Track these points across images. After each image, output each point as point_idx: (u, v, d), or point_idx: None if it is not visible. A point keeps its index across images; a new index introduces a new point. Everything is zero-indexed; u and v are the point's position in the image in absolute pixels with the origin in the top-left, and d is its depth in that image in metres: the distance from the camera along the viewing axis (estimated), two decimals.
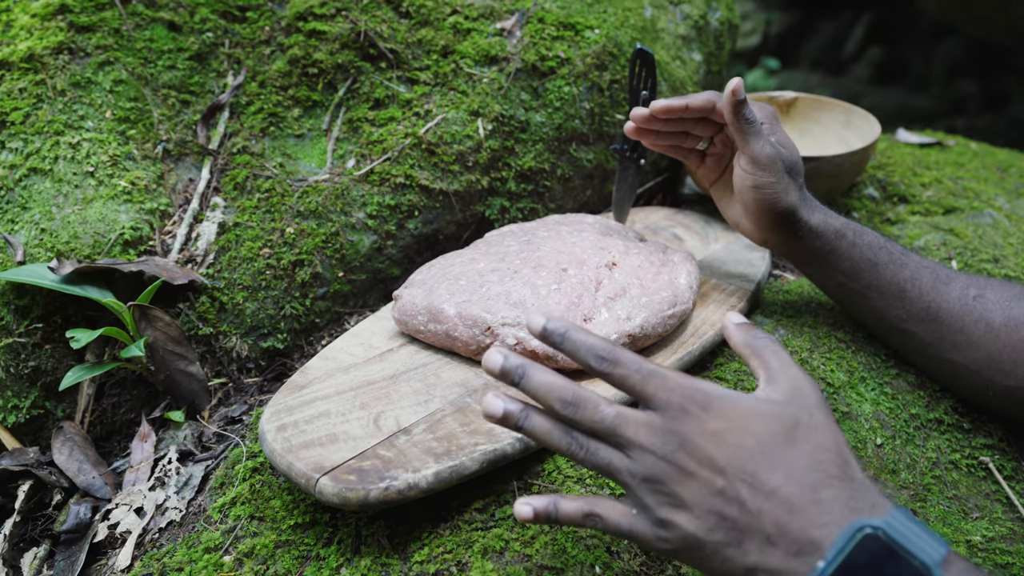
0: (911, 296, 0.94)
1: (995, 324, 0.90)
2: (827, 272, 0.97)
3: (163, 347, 0.97)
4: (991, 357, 0.91)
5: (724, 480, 0.57)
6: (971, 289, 0.93)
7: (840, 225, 0.94)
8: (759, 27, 5.13)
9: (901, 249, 0.96)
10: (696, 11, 1.43)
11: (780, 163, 0.91)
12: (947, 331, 0.93)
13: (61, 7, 1.14)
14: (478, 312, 0.90)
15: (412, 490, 0.74)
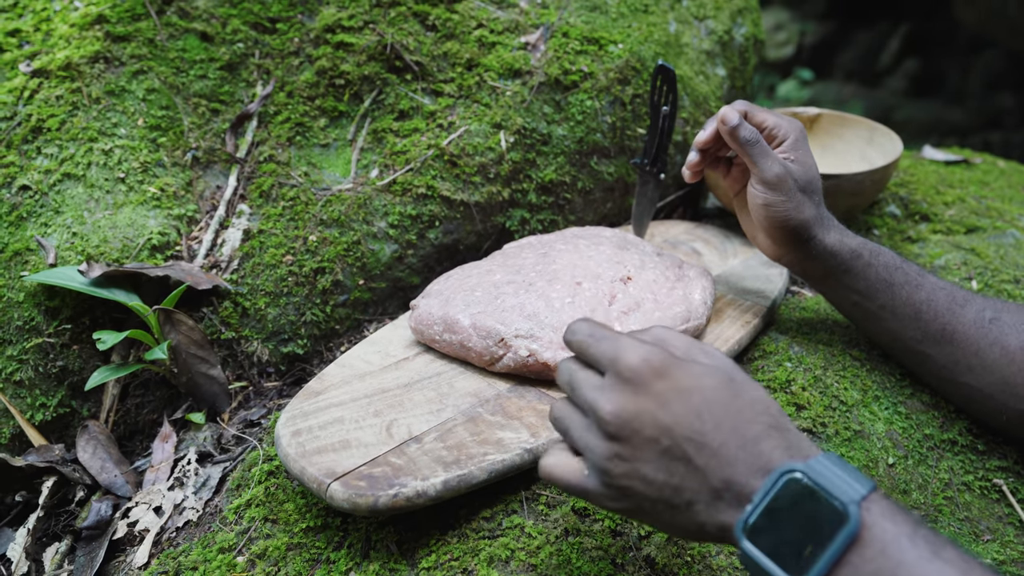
0: (926, 317, 0.94)
1: (1010, 348, 0.90)
2: (842, 291, 0.97)
3: (186, 350, 1.00)
4: (1005, 381, 0.90)
5: (670, 439, 0.59)
6: (987, 312, 0.92)
7: (856, 245, 0.94)
8: (793, 38, 5.10)
9: (918, 269, 0.96)
10: (721, 26, 1.44)
11: (791, 181, 0.92)
12: (962, 354, 0.93)
13: (99, 17, 1.17)
14: (492, 323, 0.91)
15: (420, 498, 0.76)
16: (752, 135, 0.90)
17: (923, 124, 4.64)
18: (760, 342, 1.05)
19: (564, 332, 0.70)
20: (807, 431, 0.94)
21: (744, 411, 0.60)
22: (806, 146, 0.96)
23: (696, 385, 0.61)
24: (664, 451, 0.59)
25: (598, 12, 1.31)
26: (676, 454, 0.59)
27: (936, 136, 4.50)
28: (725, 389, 0.61)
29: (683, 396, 0.60)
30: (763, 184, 0.92)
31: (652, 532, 0.80)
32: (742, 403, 0.60)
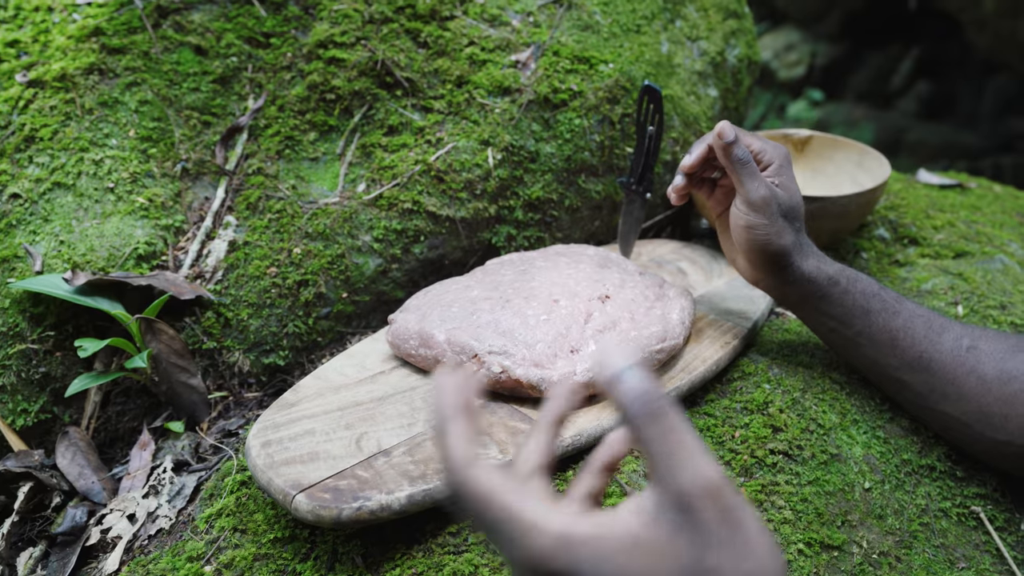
0: (903, 345, 0.94)
1: (987, 377, 0.90)
2: (819, 317, 0.97)
3: (167, 359, 1.01)
4: (982, 410, 0.90)
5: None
6: (965, 340, 0.92)
7: (834, 272, 0.95)
8: (805, 58, 5.10)
9: (895, 296, 0.96)
10: (713, 47, 1.45)
11: (775, 205, 0.92)
12: (938, 382, 0.92)
13: (96, 30, 1.19)
14: (466, 339, 0.92)
15: (385, 511, 0.76)
16: (745, 154, 0.91)
17: (934, 147, 4.62)
18: (740, 363, 1.05)
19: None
20: (783, 453, 0.94)
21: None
22: (790, 172, 0.96)
23: None
24: None
25: (590, 32, 1.32)
26: None
27: (947, 159, 4.49)
28: None
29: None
30: (748, 205, 0.92)
31: None
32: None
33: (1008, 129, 4.64)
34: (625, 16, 1.36)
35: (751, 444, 0.93)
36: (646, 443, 0.45)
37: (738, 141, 0.91)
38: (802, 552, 0.85)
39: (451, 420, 0.50)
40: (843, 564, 0.86)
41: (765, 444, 0.94)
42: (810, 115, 4.83)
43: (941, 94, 4.91)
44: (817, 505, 0.90)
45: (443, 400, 0.51)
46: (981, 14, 3.63)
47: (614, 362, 0.46)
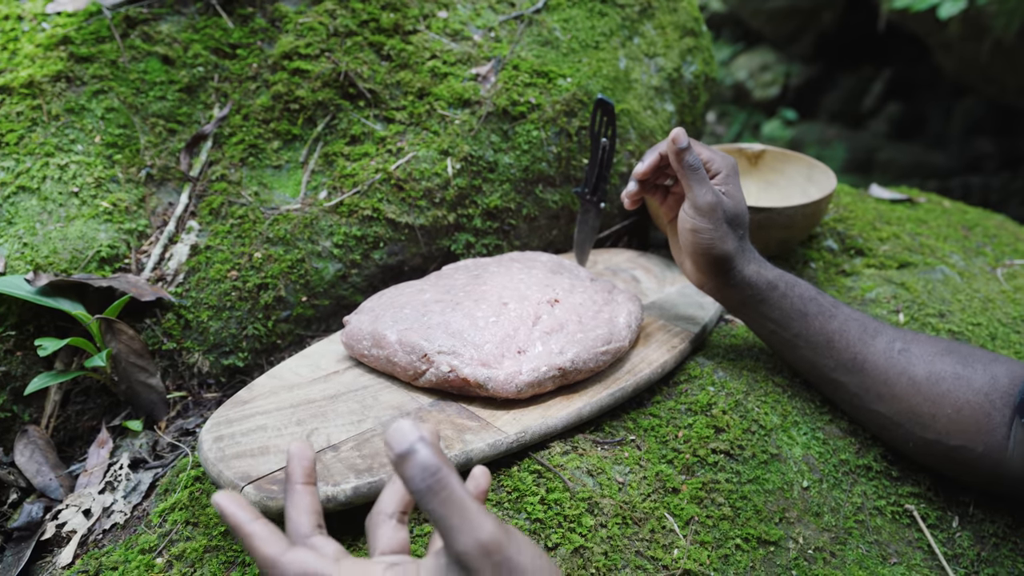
0: (838, 347, 0.98)
1: (917, 378, 0.94)
2: (759, 320, 1.02)
3: (126, 359, 1.03)
4: (912, 410, 0.94)
5: None
6: (897, 343, 0.96)
7: (773, 277, 0.99)
8: (779, 78, 5.19)
9: (832, 301, 1.00)
10: (670, 64, 1.49)
11: (721, 211, 0.96)
12: (872, 382, 0.97)
13: (64, 39, 1.22)
14: (417, 340, 0.95)
15: (331, 503, 0.79)
16: (696, 161, 0.96)
17: (905, 166, 4.71)
18: (687, 366, 1.09)
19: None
20: (724, 453, 0.97)
21: None
22: (737, 181, 1.01)
23: None
24: None
25: (550, 47, 1.36)
26: None
27: (917, 178, 4.57)
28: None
29: None
30: (695, 209, 0.96)
31: (559, 544, 0.83)
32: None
33: (975, 150, 4.73)
34: (584, 33, 1.40)
35: (694, 444, 0.97)
36: (430, 513, 0.52)
37: (690, 148, 0.95)
38: (739, 547, 0.88)
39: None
40: (779, 559, 0.89)
41: (707, 444, 0.97)
42: (784, 134, 4.91)
43: (911, 115, 5.00)
44: (756, 503, 0.93)
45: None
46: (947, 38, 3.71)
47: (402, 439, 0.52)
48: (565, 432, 0.94)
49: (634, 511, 0.88)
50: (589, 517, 0.85)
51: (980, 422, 0.91)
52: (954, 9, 2.97)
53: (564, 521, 0.85)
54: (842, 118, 5.08)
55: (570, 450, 0.93)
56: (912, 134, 4.93)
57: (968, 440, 0.91)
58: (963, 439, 0.92)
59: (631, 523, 0.87)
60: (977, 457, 0.92)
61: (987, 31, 3.36)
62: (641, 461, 0.94)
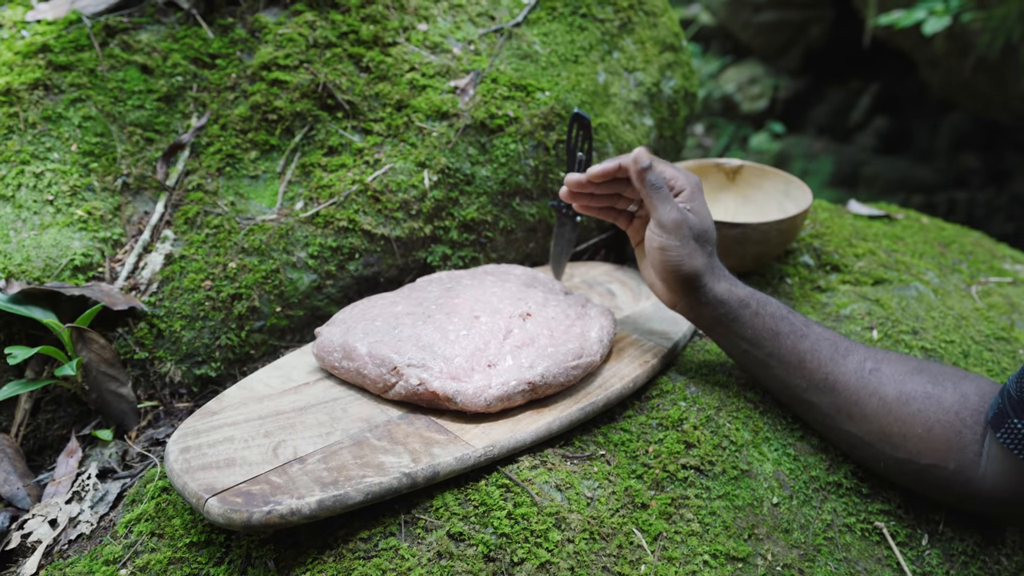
0: (810, 367, 0.98)
1: (888, 398, 0.94)
2: (731, 339, 1.02)
3: (97, 368, 1.03)
4: (883, 430, 0.94)
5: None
6: (868, 363, 0.97)
7: (745, 295, 0.99)
8: (767, 92, 5.22)
9: (803, 320, 1.00)
10: (649, 79, 1.50)
11: (687, 228, 0.97)
12: (843, 402, 0.97)
13: (43, 47, 1.22)
14: (387, 352, 0.95)
15: (295, 515, 0.78)
16: (659, 180, 0.96)
17: (891, 181, 4.74)
18: (659, 381, 1.09)
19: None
20: (694, 468, 0.97)
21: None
22: (702, 198, 1.01)
23: None
24: None
25: (529, 61, 1.37)
26: None
27: (903, 193, 4.60)
28: None
29: None
30: (661, 227, 0.97)
31: (525, 559, 0.83)
32: None
33: (961, 165, 4.77)
34: (564, 47, 1.41)
35: (664, 459, 0.97)
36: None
37: (652, 167, 0.96)
38: (707, 563, 0.89)
39: None
40: (747, 575, 0.89)
41: (678, 459, 0.98)
42: (771, 147, 4.94)
43: (898, 130, 5.04)
44: (725, 519, 0.93)
45: None
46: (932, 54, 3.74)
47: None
48: (534, 446, 0.94)
49: (602, 526, 0.88)
50: (556, 532, 0.86)
51: (951, 441, 0.91)
52: (938, 26, 2.99)
53: (531, 536, 0.85)
54: (829, 132, 5.12)
55: (539, 464, 0.93)
56: (899, 149, 4.97)
57: (940, 459, 0.92)
58: (935, 458, 0.92)
59: (598, 538, 0.87)
60: (949, 475, 0.92)
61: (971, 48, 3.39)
62: (610, 476, 0.94)
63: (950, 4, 3.06)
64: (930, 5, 3.08)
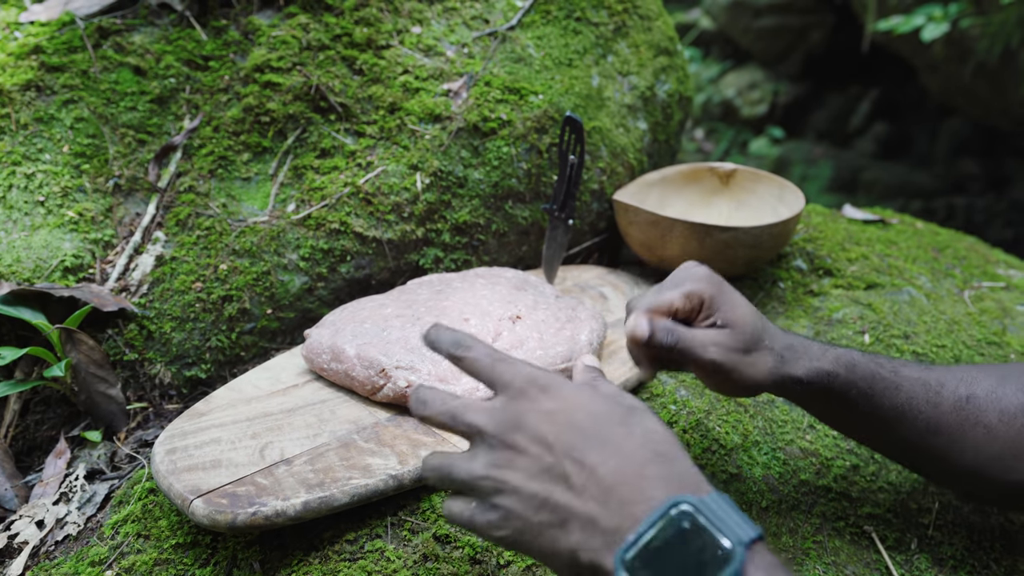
0: (910, 417, 0.87)
1: (992, 425, 0.87)
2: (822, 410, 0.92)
3: (86, 369, 1.03)
4: (992, 456, 0.87)
5: (552, 456, 0.59)
6: (961, 389, 0.88)
7: (830, 366, 0.86)
8: (767, 96, 5.22)
9: (891, 367, 0.88)
10: (643, 82, 1.50)
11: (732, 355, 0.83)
12: (948, 441, 0.88)
13: (36, 48, 1.22)
14: (375, 354, 0.95)
15: (280, 517, 0.78)
16: (669, 337, 0.81)
17: (890, 186, 4.74)
18: (649, 385, 1.09)
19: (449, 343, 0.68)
20: None
21: (632, 436, 0.60)
22: (729, 295, 0.86)
23: (582, 404, 0.62)
24: (545, 468, 0.59)
25: (522, 64, 1.37)
26: (556, 472, 0.59)
27: (903, 198, 4.60)
28: (612, 412, 0.62)
29: (567, 413, 0.61)
30: (703, 372, 0.85)
31: (511, 561, 0.83)
32: (632, 429, 0.60)
33: (960, 171, 4.77)
34: (558, 50, 1.41)
35: None
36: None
37: (655, 328, 0.80)
38: None
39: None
40: None
41: None
42: (771, 152, 4.94)
43: (897, 135, 5.04)
44: None
45: None
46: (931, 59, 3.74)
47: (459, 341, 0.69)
48: None
49: None
50: None
51: None
52: (937, 32, 2.99)
53: None
54: (829, 137, 5.12)
55: None
56: (898, 154, 4.97)
57: None
58: None
59: None
60: None
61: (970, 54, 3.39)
62: None
63: (949, 10, 3.06)
64: (929, 11, 3.08)
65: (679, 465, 0.59)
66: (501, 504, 0.60)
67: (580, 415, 0.61)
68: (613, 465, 0.58)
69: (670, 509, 0.54)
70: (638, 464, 0.58)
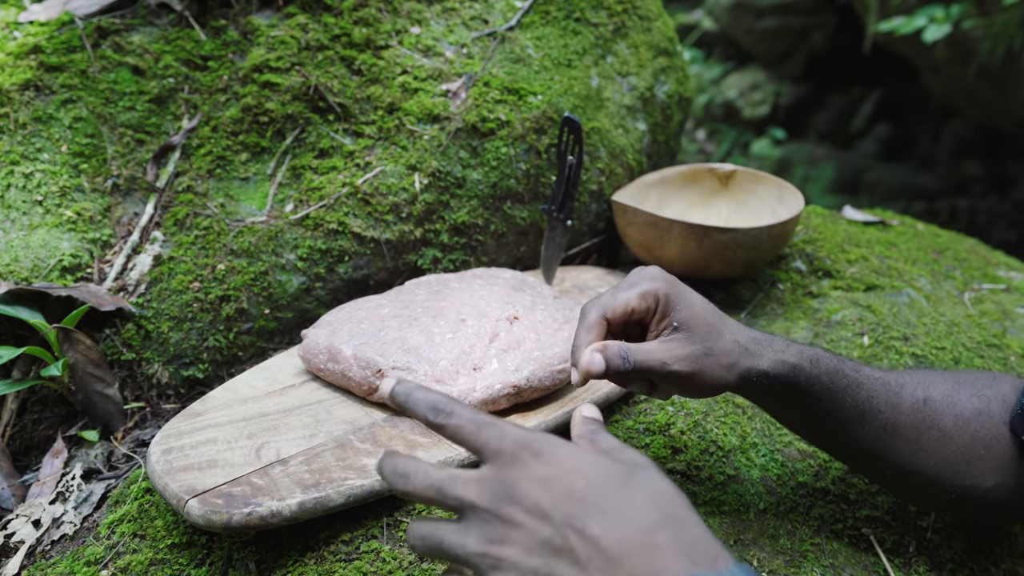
0: (870, 416, 0.87)
1: (946, 428, 0.87)
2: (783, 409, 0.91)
3: (83, 369, 1.03)
4: (947, 459, 0.87)
5: (551, 528, 0.54)
6: (919, 391, 0.89)
7: (795, 359, 0.84)
8: (769, 98, 5.22)
9: (853, 366, 0.88)
10: (643, 83, 1.50)
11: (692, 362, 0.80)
12: (904, 443, 0.88)
13: (35, 48, 1.22)
14: (372, 355, 0.95)
15: (275, 517, 0.78)
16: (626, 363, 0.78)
17: (893, 187, 4.73)
18: None
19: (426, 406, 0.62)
20: (681, 473, 0.97)
21: (636, 499, 0.55)
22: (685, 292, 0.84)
23: (578, 468, 0.56)
24: (544, 542, 0.54)
25: (521, 64, 1.37)
26: (557, 545, 0.53)
27: (905, 200, 4.59)
28: (612, 474, 0.57)
29: (563, 479, 0.56)
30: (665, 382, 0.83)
31: None
32: (634, 491, 0.55)
33: (963, 172, 4.76)
34: (557, 51, 1.41)
35: None
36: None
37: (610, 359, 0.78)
38: None
39: None
40: None
41: (664, 464, 0.97)
42: (773, 153, 4.94)
43: (900, 136, 5.03)
44: (711, 524, 0.93)
45: None
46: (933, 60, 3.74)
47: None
48: None
49: None
50: None
51: (1009, 454, 0.86)
52: (939, 33, 2.99)
53: None
54: (831, 138, 5.11)
55: None
56: (901, 155, 4.96)
57: (1001, 477, 0.87)
58: (997, 477, 0.87)
59: None
60: (1010, 491, 0.87)
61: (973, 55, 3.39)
62: None
63: (950, 11, 3.06)
64: (930, 12, 3.08)
65: (692, 531, 0.54)
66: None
67: (578, 481, 0.55)
68: (617, 535, 0.53)
69: None
70: (645, 531, 0.53)
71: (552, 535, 0.54)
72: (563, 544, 0.53)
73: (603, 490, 0.55)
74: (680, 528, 0.54)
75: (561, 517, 0.54)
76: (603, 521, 0.53)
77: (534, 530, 0.54)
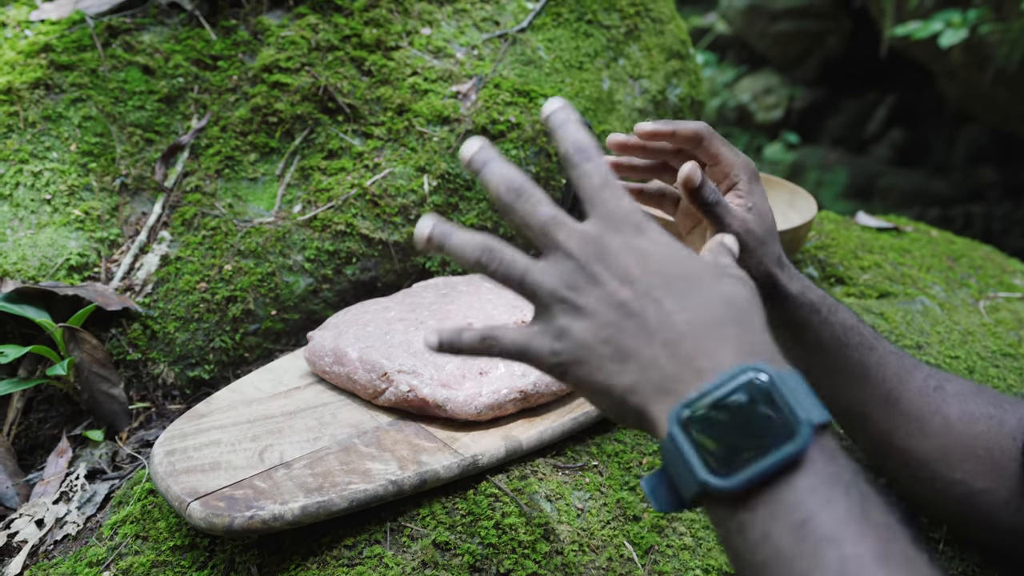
0: (874, 381, 0.89)
1: (951, 417, 0.88)
2: (793, 347, 0.92)
3: (89, 368, 1.02)
4: (943, 448, 0.88)
5: (631, 292, 0.56)
6: (931, 380, 0.90)
7: (816, 298, 0.88)
8: (782, 102, 5.20)
9: (872, 332, 0.91)
10: (655, 86, 1.49)
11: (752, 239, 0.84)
12: (904, 419, 0.89)
13: (45, 46, 1.22)
14: (377, 358, 0.94)
15: (277, 521, 0.77)
16: (714, 195, 0.81)
17: (907, 193, 4.70)
18: None
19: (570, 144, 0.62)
20: None
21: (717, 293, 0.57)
22: (760, 187, 0.88)
23: (676, 253, 0.59)
24: (621, 303, 0.57)
25: (532, 66, 1.36)
26: (632, 308, 0.56)
27: (919, 206, 4.56)
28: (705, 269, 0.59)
29: (657, 257, 0.58)
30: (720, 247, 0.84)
31: (512, 570, 0.82)
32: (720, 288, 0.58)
33: (978, 178, 4.72)
34: (569, 53, 1.40)
35: None
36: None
37: (706, 183, 0.80)
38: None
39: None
40: None
41: None
42: (786, 157, 4.91)
43: (914, 141, 5.00)
44: None
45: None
46: (949, 66, 3.71)
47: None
48: (525, 456, 0.93)
49: (592, 538, 0.87)
50: (544, 543, 0.84)
51: (1008, 467, 0.85)
52: (955, 38, 2.97)
53: (518, 547, 0.84)
54: (845, 143, 5.09)
55: (529, 474, 0.91)
56: (915, 161, 4.93)
57: (992, 483, 0.86)
58: (989, 481, 0.86)
59: (588, 550, 0.85)
60: (998, 503, 0.86)
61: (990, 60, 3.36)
62: (602, 487, 0.93)
63: (967, 16, 3.04)
64: (947, 17, 3.06)
65: (758, 335, 0.56)
66: (568, 327, 0.58)
67: (670, 263, 0.58)
68: (689, 315, 0.56)
69: (742, 374, 0.52)
70: (715, 321, 0.56)
71: (630, 299, 0.56)
72: (639, 309, 0.56)
73: (690, 276, 0.58)
74: (749, 329, 0.56)
75: (644, 287, 0.57)
76: (680, 301, 0.56)
77: (615, 291, 0.57)
